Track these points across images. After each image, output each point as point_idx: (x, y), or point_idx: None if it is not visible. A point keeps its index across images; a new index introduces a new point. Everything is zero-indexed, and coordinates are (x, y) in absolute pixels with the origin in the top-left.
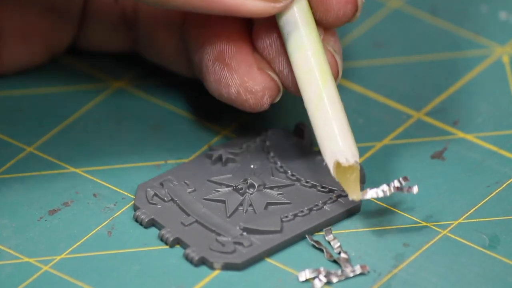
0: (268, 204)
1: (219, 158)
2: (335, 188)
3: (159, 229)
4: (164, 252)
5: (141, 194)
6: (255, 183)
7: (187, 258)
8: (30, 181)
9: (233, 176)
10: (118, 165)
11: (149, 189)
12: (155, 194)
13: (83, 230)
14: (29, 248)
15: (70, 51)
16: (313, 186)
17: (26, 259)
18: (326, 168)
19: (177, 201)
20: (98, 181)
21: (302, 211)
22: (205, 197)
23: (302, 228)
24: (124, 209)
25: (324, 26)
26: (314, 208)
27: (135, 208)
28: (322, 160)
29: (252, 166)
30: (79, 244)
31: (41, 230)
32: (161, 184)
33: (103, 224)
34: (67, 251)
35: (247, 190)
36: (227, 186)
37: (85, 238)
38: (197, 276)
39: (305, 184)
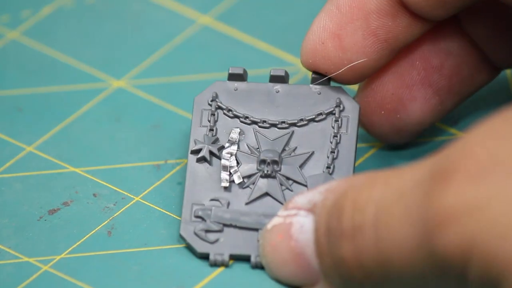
0: (301, 165)
1: (203, 158)
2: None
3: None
4: (164, 252)
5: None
6: (273, 157)
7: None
8: (30, 180)
9: (245, 166)
10: (118, 165)
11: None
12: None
13: (83, 230)
14: (29, 248)
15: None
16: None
17: (26, 259)
18: None
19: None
20: (98, 181)
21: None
22: (246, 202)
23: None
24: (124, 209)
25: None
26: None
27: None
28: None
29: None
30: (79, 244)
31: (41, 230)
32: (201, 216)
33: (103, 224)
34: (67, 251)
35: (275, 168)
36: (250, 176)
37: (85, 238)
38: (197, 276)
39: (295, 121)
